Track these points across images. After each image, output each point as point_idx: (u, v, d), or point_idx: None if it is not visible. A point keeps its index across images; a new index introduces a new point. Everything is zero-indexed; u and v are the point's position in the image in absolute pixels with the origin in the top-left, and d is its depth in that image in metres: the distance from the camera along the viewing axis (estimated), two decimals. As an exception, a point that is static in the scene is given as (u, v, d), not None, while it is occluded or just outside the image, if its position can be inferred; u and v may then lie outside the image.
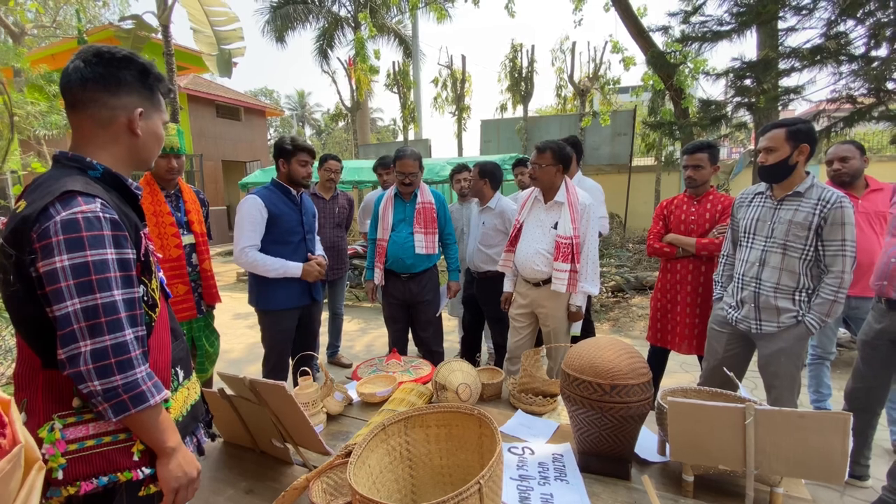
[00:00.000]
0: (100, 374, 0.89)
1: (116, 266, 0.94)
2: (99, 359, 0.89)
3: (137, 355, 0.94)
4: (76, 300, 0.89)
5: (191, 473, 1.04)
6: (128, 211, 1.04)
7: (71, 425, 0.96)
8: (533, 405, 1.77)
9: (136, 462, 0.99)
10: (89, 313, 0.89)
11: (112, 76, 1.01)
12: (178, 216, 2.54)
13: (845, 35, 4.61)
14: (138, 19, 6.96)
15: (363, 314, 5.92)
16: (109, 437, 0.98)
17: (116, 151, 1.05)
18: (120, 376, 0.91)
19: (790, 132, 1.90)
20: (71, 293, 0.89)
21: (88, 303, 0.90)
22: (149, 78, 1.07)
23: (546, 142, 2.51)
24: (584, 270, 2.46)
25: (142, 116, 1.05)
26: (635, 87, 7.71)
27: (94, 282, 0.90)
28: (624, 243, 9.66)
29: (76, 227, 0.90)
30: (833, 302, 1.87)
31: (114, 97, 1.02)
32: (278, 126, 36.52)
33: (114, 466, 0.97)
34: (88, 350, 0.89)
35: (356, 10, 15.20)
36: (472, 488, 0.87)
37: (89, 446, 0.96)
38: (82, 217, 0.91)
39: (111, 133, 1.04)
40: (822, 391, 2.77)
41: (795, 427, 1.10)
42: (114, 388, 0.90)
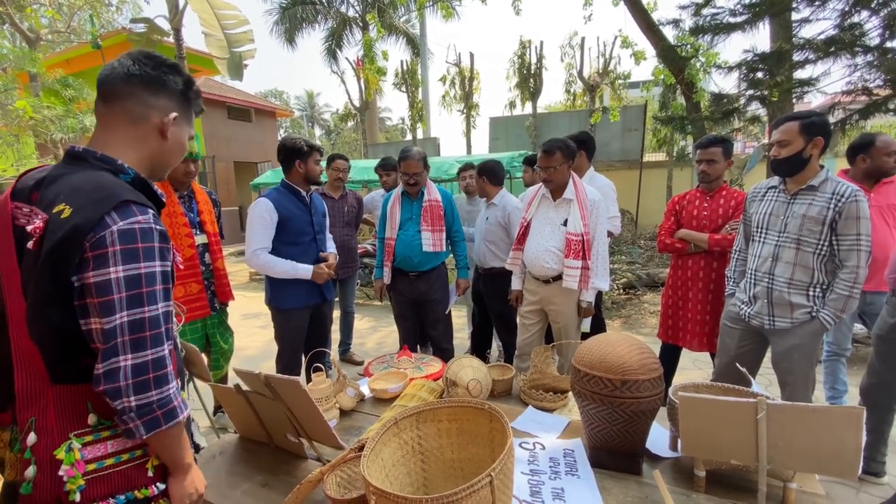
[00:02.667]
0: (137, 390, 0.87)
1: (160, 279, 0.93)
2: (139, 374, 0.87)
3: (171, 371, 0.93)
4: (125, 312, 0.87)
5: (200, 489, 1.04)
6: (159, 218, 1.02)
7: (89, 444, 0.92)
8: (543, 401, 1.78)
9: (151, 478, 0.98)
10: (136, 326, 0.88)
11: (158, 78, 1.02)
12: (191, 217, 2.60)
13: (860, 26, 4.53)
14: (150, 23, 7.06)
15: (374, 312, 5.96)
16: (127, 454, 0.96)
17: (142, 153, 1.03)
18: (156, 392, 0.89)
19: (804, 125, 1.87)
20: (122, 305, 0.87)
21: (136, 316, 0.88)
22: (190, 90, 1.08)
23: (550, 143, 2.48)
24: (594, 266, 2.46)
25: (175, 122, 1.04)
26: (646, 82, 7.62)
27: (144, 295, 0.89)
28: (635, 240, 9.58)
29: (133, 238, 0.88)
30: (848, 297, 1.85)
31: (153, 96, 1.01)
32: (288, 127, 36.77)
33: (132, 484, 0.95)
34: (129, 364, 0.87)
35: (364, 10, 15.25)
36: (483, 481, 0.88)
37: (108, 465, 0.93)
38: (139, 228, 0.89)
39: (141, 132, 1.01)
40: (837, 388, 2.73)
41: (808, 422, 1.10)
42: (149, 403, 0.88)
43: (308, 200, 2.67)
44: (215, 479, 1.44)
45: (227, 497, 1.35)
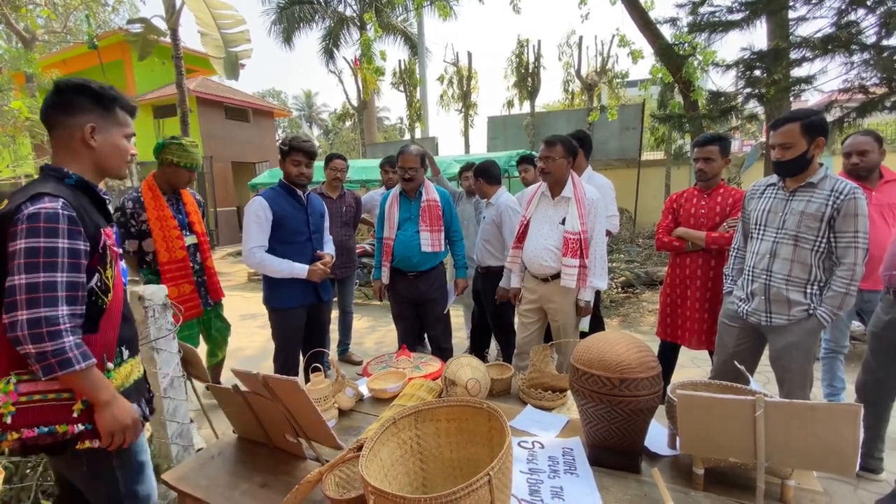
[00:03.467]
0: (33, 340, 1.07)
1: (66, 254, 1.13)
2: (33, 327, 1.07)
3: (67, 328, 1.11)
4: (23, 276, 1.08)
5: (124, 421, 1.22)
6: (92, 211, 1.24)
7: (24, 381, 1.15)
8: (542, 400, 1.78)
9: (75, 418, 1.18)
10: (31, 288, 1.08)
11: (66, 101, 1.24)
12: (180, 218, 2.69)
13: (856, 24, 4.54)
14: (147, 23, 7.05)
15: (373, 312, 5.96)
16: (54, 394, 1.17)
17: (82, 162, 1.26)
18: (50, 343, 1.08)
19: (805, 126, 1.86)
20: (20, 270, 1.08)
21: (32, 280, 1.08)
22: (102, 99, 1.27)
23: (554, 136, 2.51)
24: (592, 265, 2.46)
25: (94, 131, 1.25)
26: (643, 81, 7.63)
27: (41, 263, 1.09)
28: (634, 238, 9.60)
29: (37, 218, 1.10)
30: (845, 295, 1.85)
31: (69, 118, 1.23)
32: (286, 127, 36.72)
33: (54, 419, 1.16)
34: (24, 319, 1.07)
35: (362, 10, 15.23)
36: (481, 480, 0.88)
37: (36, 400, 1.16)
38: (44, 212, 1.11)
39: (74, 146, 1.25)
40: (835, 385, 2.74)
41: (806, 419, 1.10)
42: (44, 352, 1.08)
43: (305, 200, 2.67)
44: (214, 479, 1.43)
45: (226, 497, 1.35)
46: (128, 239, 2.60)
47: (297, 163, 2.54)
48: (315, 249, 2.69)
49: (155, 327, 1.94)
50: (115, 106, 1.30)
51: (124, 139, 1.32)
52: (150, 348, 1.93)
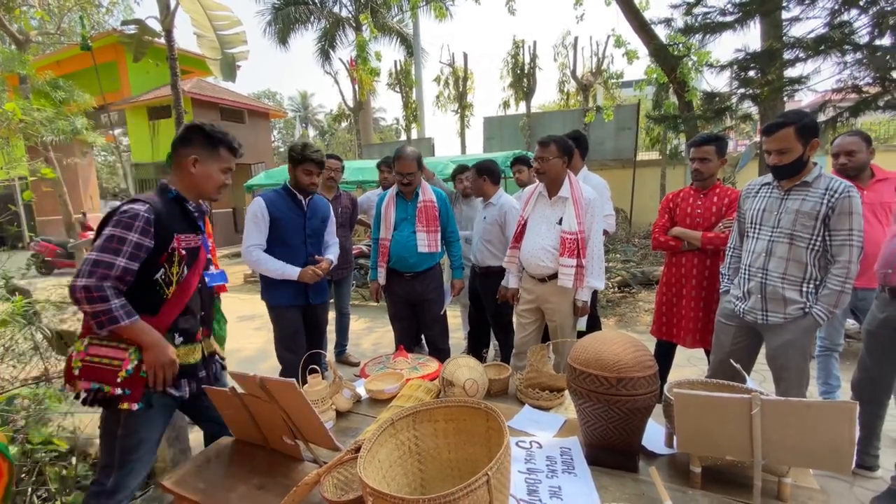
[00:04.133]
0: (88, 302, 1.40)
1: (132, 244, 1.45)
2: (87, 292, 1.39)
3: (112, 293, 1.43)
4: (94, 253, 1.42)
5: (163, 360, 1.52)
6: (175, 220, 1.58)
7: (93, 345, 1.50)
8: (540, 400, 1.78)
9: (118, 383, 1.47)
10: (96, 263, 1.41)
11: (185, 136, 1.62)
12: None
13: (849, 24, 4.56)
14: (141, 24, 7.02)
15: (370, 313, 5.95)
16: (108, 360, 1.48)
17: (184, 182, 1.64)
18: (100, 305, 1.41)
19: (799, 130, 1.87)
20: (96, 246, 1.43)
21: (96, 256, 1.42)
22: (210, 138, 1.63)
23: (549, 135, 2.52)
24: (589, 265, 2.46)
25: (196, 162, 1.61)
26: (638, 81, 7.65)
27: (111, 247, 1.43)
28: (630, 238, 9.63)
29: (124, 214, 1.47)
30: (840, 293, 1.86)
31: (183, 148, 1.62)
32: (282, 128, 36.62)
33: (103, 380, 1.47)
34: (81, 284, 1.39)
35: (357, 11, 15.22)
36: (480, 480, 0.88)
37: (95, 361, 1.49)
38: (131, 211, 1.48)
39: (180, 171, 1.63)
40: (830, 383, 2.76)
41: (802, 417, 1.11)
42: (96, 312, 1.41)
43: (306, 204, 2.73)
44: (211, 482, 1.43)
45: (223, 500, 1.34)
46: None
47: (308, 172, 2.65)
48: (310, 253, 2.73)
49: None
50: (220, 145, 1.64)
51: (220, 172, 1.67)
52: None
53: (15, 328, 2.52)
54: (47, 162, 10.54)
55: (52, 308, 2.87)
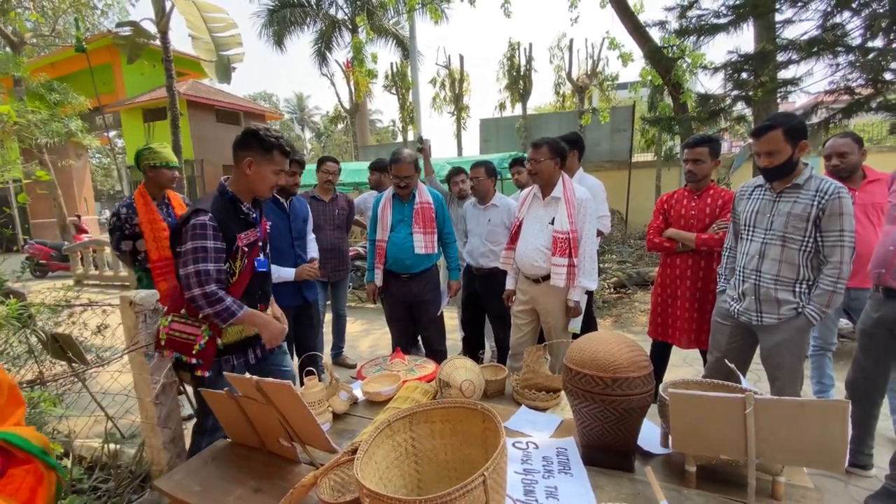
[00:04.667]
0: (209, 305, 1.70)
1: (212, 250, 1.71)
2: (207, 297, 1.69)
3: (223, 294, 1.73)
4: (189, 266, 1.68)
5: (274, 332, 1.89)
6: (232, 220, 1.79)
7: (175, 322, 1.81)
8: (536, 401, 1.78)
9: (193, 354, 1.78)
10: (197, 273, 1.68)
11: (242, 140, 1.80)
12: (170, 221, 2.92)
13: (841, 26, 4.61)
14: (136, 26, 6.99)
15: (366, 315, 5.94)
16: (186, 335, 1.79)
17: (240, 184, 1.82)
18: (219, 306, 1.71)
19: (787, 132, 1.88)
20: (187, 262, 1.69)
21: (195, 268, 1.68)
22: (264, 142, 1.77)
23: (541, 137, 2.53)
24: (581, 265, 2.47)
25: (251, 164, 1.77)
26: (633, 83, 7.70)
27: (200, 257, 1.69)
28: (625, 239, 9.67)
29: (195, 228, 1.70)
30: (832, 293, 1.88)
31: (242, 151, 1.79)
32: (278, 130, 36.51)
33: (181, 350, 1.79)
34: (199, 293, 1.68)
35: (353, 13, 15.23)
36: (476, 480, 0.89)
37: (175, 336, 1.80)
38: (199, 223, 1.70)
39: (237, 173, 1.81)
40: (824, 382, 2.77)
41: (795, 416, 1.12)
42: (217, 312, 1.72)
43: (287, 207, 2.77)
44: (207, 485, 1.42)
45: (220, 503, 1.34)
46: (123, 240, 2.85)
47: (292, 173, 2.70)
48: (298, 254, 2.77)
49: (146, 332, 1.92)
50: (273, 149, 1.78)
51: (273, 174, 1.82)
52: (142, 354, 1.92)
53: (9, 331, 2.51)
54: (42, 164, 10.48)
55: (47, 311, 2.86)
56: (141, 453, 2.14)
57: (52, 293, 3.32)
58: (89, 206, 16.30)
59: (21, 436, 1.14)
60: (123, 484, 2.04)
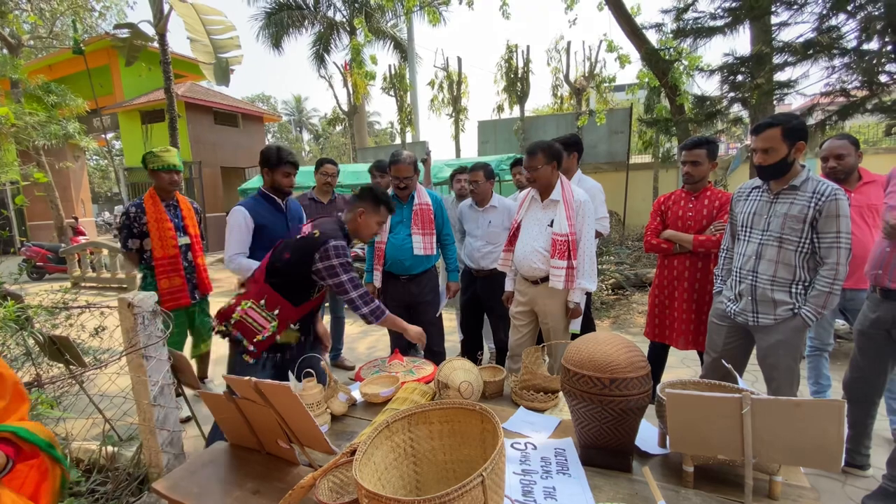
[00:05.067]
0: (364, 304, 2.05)
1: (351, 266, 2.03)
2: (362, 299, 2.05)
3: (370, 296, 2.07)
4: (348, 286, 2.01)
5: (417, 335, 2.21)
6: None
7: (250, 308, 2.02)
8: (534, 402, 1.79)
9: (252, 342, 1.99)
10: (356, 287, 2.03)
11: (360, 194, 2.18)
12: (176, 221, 3.14)
13: (837, 29, 4.63)
14: (134, 28, 7.00)
15: (365, 317, 5.93)
16: (257, 325, 2.00)
17: (352, 226, 2.15)
18: (377, 310, 2.08)
19: (785, 131, 1.90)
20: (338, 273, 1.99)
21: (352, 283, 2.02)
22: (376, 199, 2.14)
23: (534, 144, 2.52)
24: (581, 267, 2.48)
25: (362, 214, 2.13)
26: (631, 85, 7.73)
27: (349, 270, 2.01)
28: (623, 240, 9.68)
29: (338, 248, 1.98)
30: (829, 294, 1.89)
31: (357, 202, 2.15)
32: (276, 132, 36.56)
33: (244, 335, 2.00)
34: (356, 295, 2.03)
35: (351, 15, 15.25)
36: (474, 481, 0.89)
37: (247, 322, 2.01)
38: (340, 244, 1.99)
39: (353, 217, 2.15)
40: (821, 382, 2.78)
41: (791, 416, 1.12)
42: (375, 315, 2.07)
43: (285, 207, 2.79)
44: (206, 487, 1.42)
45: (218, 505, 1.34)
46: (131, 238, 3.03)
47: (287, 174, 2.72)
48: None
49: (144, 334, 1.92)
50: (381, 205, 2.15)
51: (376, 224, 2.17)
52: (140, 356, 1.92)
53: (6, 333, 2.50)
54: (39, 166, 10.45)
55: (45, 313, 2.85)
56: (139, 455, 2.14)
57: (49, 295, 3.32)
58: (87, 208, 16.26)
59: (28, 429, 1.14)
60: (121, 486, 2.03)
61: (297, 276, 2.01)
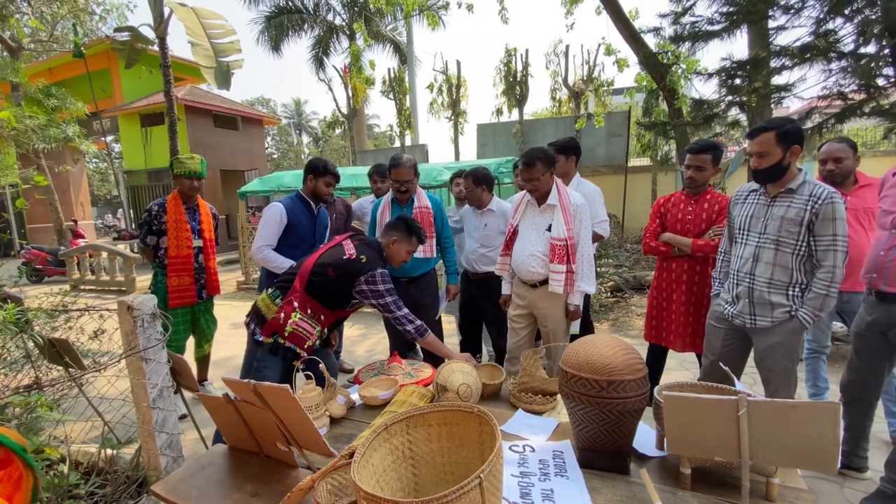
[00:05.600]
0: (409, 322, 2.16)
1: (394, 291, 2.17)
2: (407, 318, 2.15)
3: (410, 318, 2.17)
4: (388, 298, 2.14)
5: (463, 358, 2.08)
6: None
7: (300, 320, 2.10)
8: (533, 404, 1.79)
9: (305, 348, 2.11)
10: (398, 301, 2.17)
11: (391, 224, 2.37)
12: (194, 225, 3.32)
13: (834, 33, 4.66)
14: (134, 31, 7.02)
15: (364, 319, 5.94)
16: (305, 332, 2.10)
17: (387, 252, 2.29)
18: (416, 323, 2.17)
19: (780, 135, 1.91)
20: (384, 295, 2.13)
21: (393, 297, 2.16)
22: (410, 230, 2.31)
23: (530, 154, 2.48)
24: (579, 270, 2.49)
25: (395, 242, 2.28)
26: (629, 89, 7.75)
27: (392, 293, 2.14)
28: (622, 243, 9.69)
29: (383, 276, 2.14)
30: (825, 296, 1.90)
31: (391, 230, 2.32)
32: (275, 135, 36.60)
33: (298, 344, 2.09)
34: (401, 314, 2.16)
35: (351, 19, 15.31)
36: (472, 482, 0.89)
37: (296, 331, 2.09)
38: (381, 274, 2.13)
39: (387, 245, 2.29)
40: (819, 385, 2.79)
41: (787, 417, 1.13)
42: (415, 328, 2.15)
43: (316, 212, 3.04)
44: (204, 489, 1.43)
45: (217, 507, 1.34)
46: (149, 234, 3.22)
47: (328, 184, 3.00)
48: None
49: (143, 337, 1.92)
50: (413, 235, 2.30)
51: (407, 253, 2.31)
52: (139, 358, 1.92)
53: (6, 336, 2.50)
54: (39, 169, 10.45)
55: (44, 316, 2.85)
56: (138, 458, 2.14)
57: (48, 298, 3.32)
58: (86, 210, 16.26)
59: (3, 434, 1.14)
60: (120, 489, 2.03)
61: (338, 292, 2.15)
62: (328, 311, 2.18)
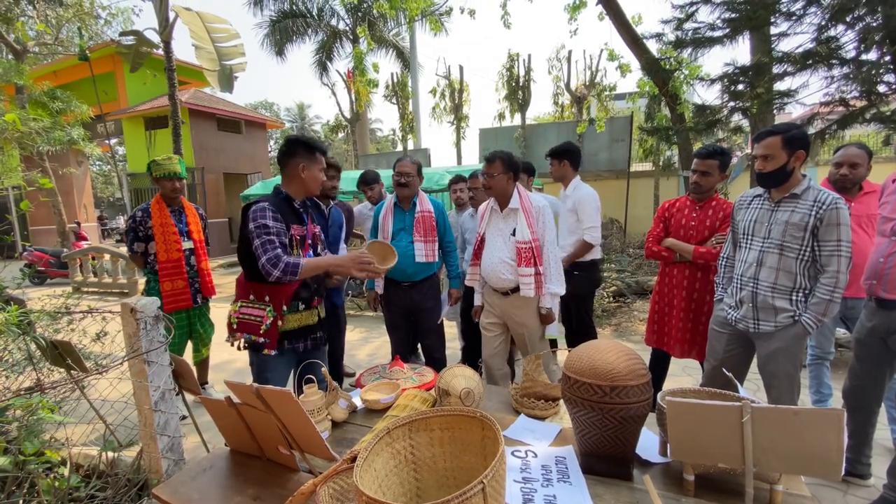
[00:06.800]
0: (273, 267, 1.87)
1: (273, 228, 1.93)
2: (270, 261, 1.87)
3: (282, 255, 1.89)
4: (256, 240, 1.90)
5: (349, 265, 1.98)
6: (288, 214, 2.04)
7: (244, 307, 2.03)
8: (535, 409, 1.79)
9: (261, 334, 1.99)
10: (261, 245, 1.89)
11: (289, 149, 2.04)
12: (181, 227, 3.25)
13: (836, 39, 4.67)
14: (139, 35, 7.07)
15: (365, 323, 5.94)
16: (253, 318, 2.00)
17: (294, 186, 2.08)
18: (282, 265, 1.88)
19: (785, 140, 1.92)
20: (253, 238, 1.90)
21: (262, 239, 1.89)
22: (310, 148, 2.05)
23: (494, 152, 2.53)
24: (547, 272, 2.48)
25: (304, 169, 2.03)
26: (631, 94, 7.78)
27: (261, 232, 1.90)
28: (624, 248, 9.68)
29: (256, 211, 1.94)
30: (829, 302, 1.90)
31: (291, 159, 2.04)
32: (279, 139, 36.72)
33: (252, 332, 2.00)
34: (265, 259, 1.87)
35: (355, 24, 15.38)
36: (475, 488, 0.89)
37: (244, 319, 2.02)
38: (259, 207, 1.95)
39: (291, 177, 2.07)
40: (822, 391, 2.78)
41: (791, 424, 1.12)
42: (284, 271, 1.88)
43: (327, 212, 2.96)
44: (206, 493, 1.42)
45: (219, 511, 1.34)
46: (136, 241, 3.16)
47: (332, 176, 2.92)
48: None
49: (146, 340, 1.93)
50: (316, 151, 2.05)
51: (320, 172, 2.09)
52: (142, 361, 1.92)
53: (9, 338, 2.51)
54: (43, 172, 10.50)
55: (47, 318, 2.86)
56: (139, 461, 2.14)
57: (51, 300, 3.33)
58: (89, 213, 16.32)
59: None
60: (121, 492, 2.03)
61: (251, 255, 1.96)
62: (273, 288, 2.01)
